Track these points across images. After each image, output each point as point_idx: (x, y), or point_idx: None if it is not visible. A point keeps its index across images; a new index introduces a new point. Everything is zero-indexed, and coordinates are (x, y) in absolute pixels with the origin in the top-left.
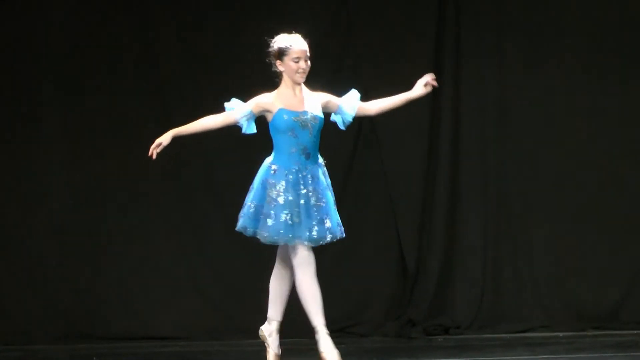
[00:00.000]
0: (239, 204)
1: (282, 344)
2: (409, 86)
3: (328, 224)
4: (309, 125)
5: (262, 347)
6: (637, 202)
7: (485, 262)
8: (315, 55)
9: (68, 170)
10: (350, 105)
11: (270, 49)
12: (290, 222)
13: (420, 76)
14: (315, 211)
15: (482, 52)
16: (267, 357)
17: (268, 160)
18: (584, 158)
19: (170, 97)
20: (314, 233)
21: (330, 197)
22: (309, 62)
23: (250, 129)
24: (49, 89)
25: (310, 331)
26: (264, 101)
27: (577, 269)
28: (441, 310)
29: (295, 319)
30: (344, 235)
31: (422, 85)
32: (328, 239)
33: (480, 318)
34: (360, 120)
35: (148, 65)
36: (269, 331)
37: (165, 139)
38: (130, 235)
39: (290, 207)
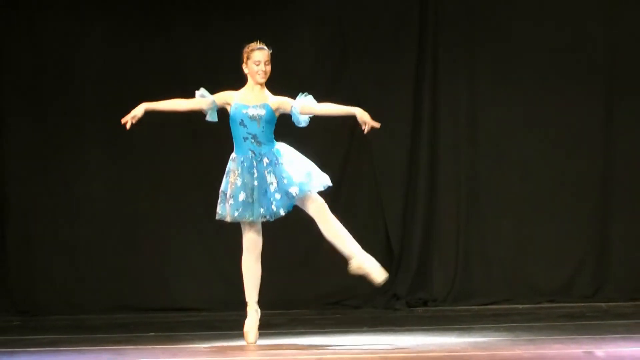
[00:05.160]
0: None
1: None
2: (397, 95)
3: (278, 196)
4: (257, 117)
5: (268, 316)
6: (585, 196)
7: (458, 246)
8: (315, 70)
9: (107, 167)
10: (298, 105)
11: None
12: (248, 201)
13: (404, 88)
14: (273, 189)
15: (456, 68)
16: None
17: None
18: (541, 159)
19: None
20: (272, 208)
21: (285, 170)
22: (269, 67)
23: (212, 117)
24: (91, 100)
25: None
26: (226, 95)
27: (535, 251)
28: (421, 286)
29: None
30: (309, 189)
31: (362, 120)
32: (282, 211)
33: (453, 292)
34: (353, 127)
35: (175, 78)
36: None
37: (138, 111)
38: (159, 222)
39: (245, 188)
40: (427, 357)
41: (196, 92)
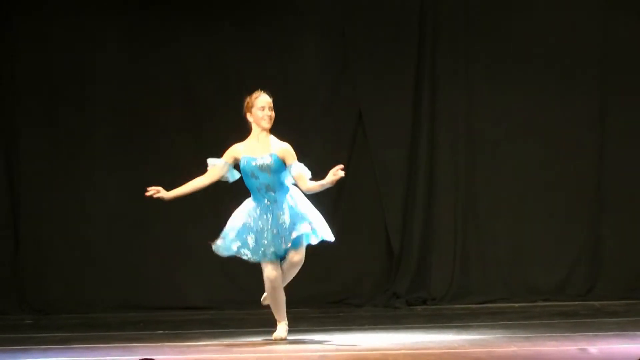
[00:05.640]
0: None
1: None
2: (397, 100)
3: (288, 241)
4: (265, 167)
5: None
6: (579, 198)
7: (456, 246)
8: (318, 82)
9: (117, 169)
10: (291, 173)
11: (243, 106)
12: (257, 242)
13: (404, 94)
14: (282, 230)
15: (454, 77)
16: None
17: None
18: (536, 161)
19: (200, 111)
20: (282, 247)
21: (295, 215)
22: (273, 112)
23: (233, 177)
24: (101, 107)
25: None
26: (234, 151)
27: (531, 252)
28: (420, 285)
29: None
30: (307, 241)
31: (332, 175)
32: (286, 248)
33: (452, 291)
34: (355, 130)
35: (182, 86)
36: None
37: (163, 194)
38: (167, 223)
39: (257, 231)
40: (426, 353)
41: (208, 161)
